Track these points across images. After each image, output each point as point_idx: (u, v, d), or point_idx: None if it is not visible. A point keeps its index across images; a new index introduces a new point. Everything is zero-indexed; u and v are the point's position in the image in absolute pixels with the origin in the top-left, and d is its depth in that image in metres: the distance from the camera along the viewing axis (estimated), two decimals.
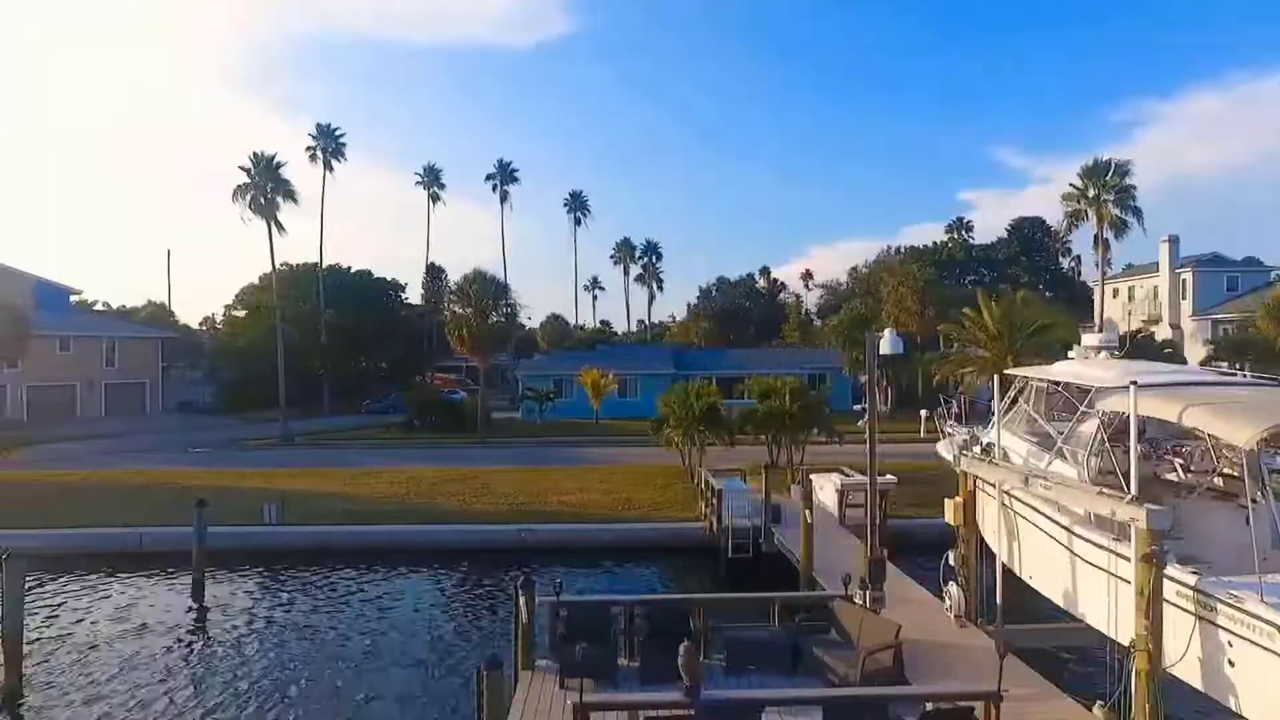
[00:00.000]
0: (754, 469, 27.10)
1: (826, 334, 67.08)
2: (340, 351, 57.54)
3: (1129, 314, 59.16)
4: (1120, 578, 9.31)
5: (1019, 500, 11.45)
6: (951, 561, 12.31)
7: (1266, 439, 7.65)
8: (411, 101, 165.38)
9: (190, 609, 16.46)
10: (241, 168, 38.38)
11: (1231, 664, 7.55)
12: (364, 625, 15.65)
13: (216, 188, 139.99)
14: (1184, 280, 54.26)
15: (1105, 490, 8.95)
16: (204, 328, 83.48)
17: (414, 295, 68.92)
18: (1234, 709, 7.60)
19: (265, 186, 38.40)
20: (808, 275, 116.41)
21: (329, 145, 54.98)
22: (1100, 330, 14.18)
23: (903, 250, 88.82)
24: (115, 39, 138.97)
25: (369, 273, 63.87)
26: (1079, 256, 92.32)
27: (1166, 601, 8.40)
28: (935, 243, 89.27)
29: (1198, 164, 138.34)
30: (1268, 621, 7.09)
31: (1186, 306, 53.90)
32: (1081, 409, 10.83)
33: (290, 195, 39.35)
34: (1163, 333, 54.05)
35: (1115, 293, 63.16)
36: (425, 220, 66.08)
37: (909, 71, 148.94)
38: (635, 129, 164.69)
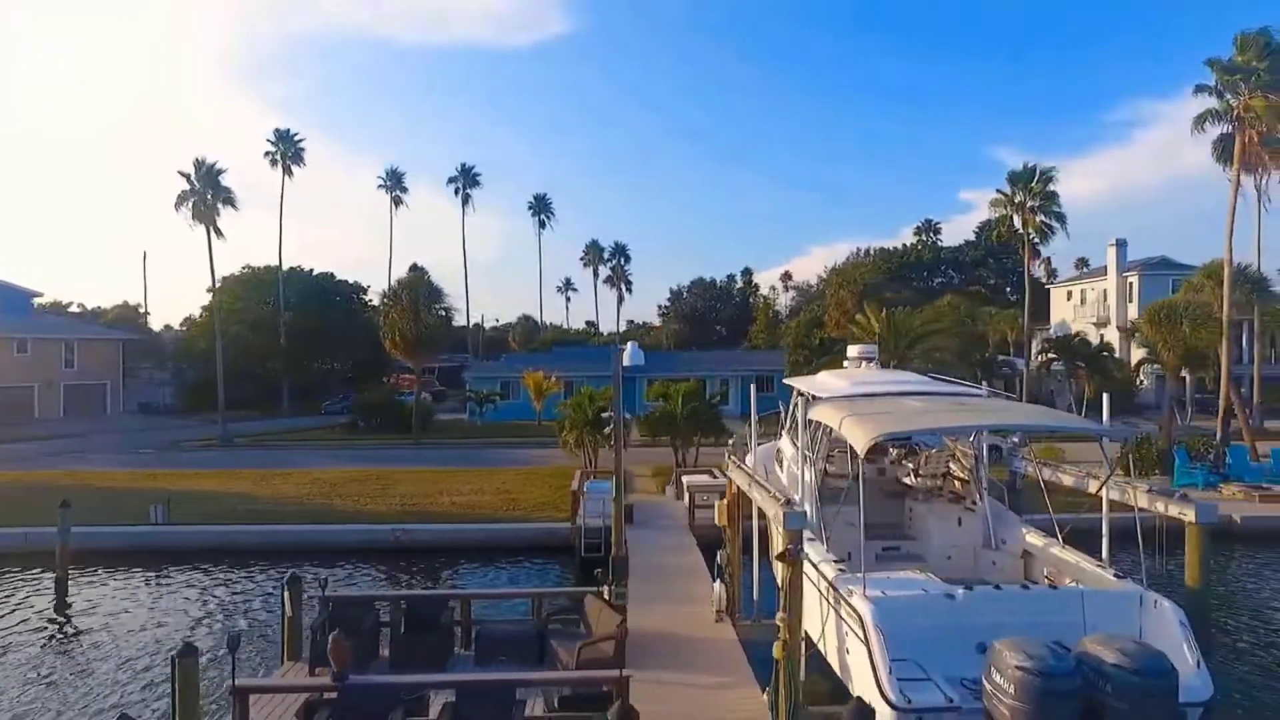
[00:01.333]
0: (657, 470, 28.04)
1: (785, 336, 67.97)
2: (300, 353, 58.37)
3: (1079, 316, 59.82)
4: (806, 575, 10.05)
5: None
6: (720, 560, 13.02)
7: (873, 444, 8.37)
8: (402, 101, 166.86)
9: (50, 607, 17.16)
10: (181, 173, 39.20)
11: (849, 651, 8.26)
12: (213, 623, 16.32)
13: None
14: (1130, 283, 54.92)
15: (777, 494, 9.65)
16: (184, 328, 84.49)
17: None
18: (850, 691, 8.31)
19: (205, 194, 39.18)
20: (786, 276, 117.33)
21: (288, 150, 55.86)
22: (1053, 328, 14.73)
23: (872, 252, 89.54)
24: (110, 37, 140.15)
25: (331, 275, 64.70)
26: (1049, 259, 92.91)
27: (820, 593, 9.14)
28: (904, 245, 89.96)
29: (1197, 164, 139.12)
30: (856, 612, 7.81)
31: (1133, 309, 54.49)
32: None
33: (230, 202, 40.14)
34: (1112, 335, 54.66)
35: (1069, 295, 63.97)
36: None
37: (906, 73, 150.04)
38: (625, 130, 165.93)
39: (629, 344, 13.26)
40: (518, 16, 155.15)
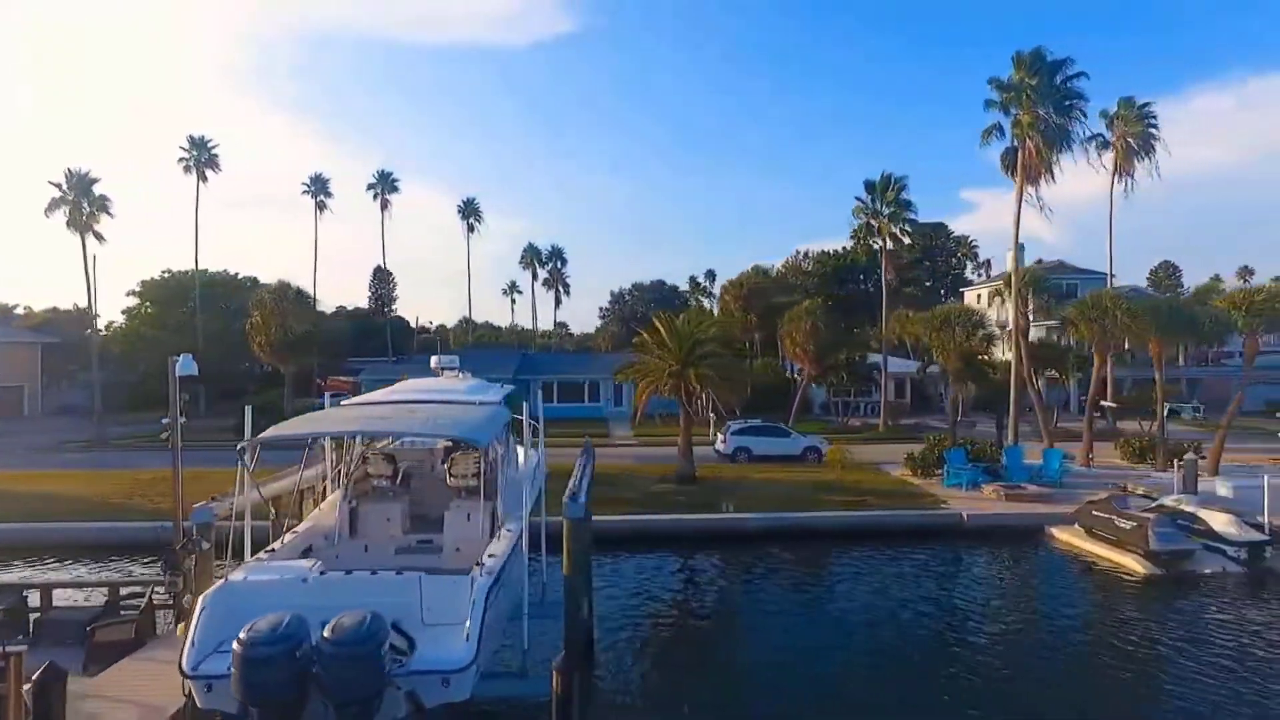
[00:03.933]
0: None
1: None
2: (219, 356, 59.59)
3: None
4: None
5: None
6: None
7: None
8: (392, 101, 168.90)
9: None
10: (53, 183, 40.36)
11: None
12: None
13: (188, 182, 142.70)
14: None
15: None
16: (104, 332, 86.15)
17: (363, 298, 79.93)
18: None
19: (80, 202, 40.34)
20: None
21: (203, 156, 56.98)
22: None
23: (810, 255, 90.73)
24: (105, 36, 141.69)
25: (255, 279, 65.99)
26: (988, 261, 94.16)
27: None
28: (843, 248, 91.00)
29: (1198, 164, 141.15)
30: None
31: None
32: None
33: (105, 209, 41.29)
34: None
35: (979, 298, 65.04)
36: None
37: (906, 73, 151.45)
38: (620, 128, 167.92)
39: (183, 355, 14.33)
40: (514, 14, 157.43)
